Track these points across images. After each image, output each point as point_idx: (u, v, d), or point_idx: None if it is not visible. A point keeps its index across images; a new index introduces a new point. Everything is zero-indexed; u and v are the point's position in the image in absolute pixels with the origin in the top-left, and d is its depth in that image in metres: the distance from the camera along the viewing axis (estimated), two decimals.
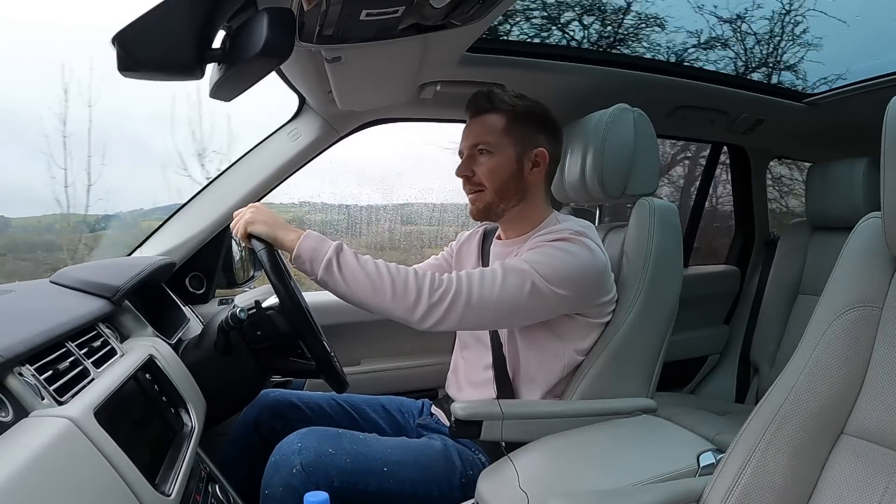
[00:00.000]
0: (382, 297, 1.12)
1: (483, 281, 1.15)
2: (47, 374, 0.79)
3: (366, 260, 1.14)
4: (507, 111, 1.30)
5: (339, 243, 1.15)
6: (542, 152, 1.32)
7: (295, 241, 1.13)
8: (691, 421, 1.74)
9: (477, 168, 1.31)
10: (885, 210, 0.82)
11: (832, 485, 0.82)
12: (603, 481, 1.05)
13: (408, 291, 1.12)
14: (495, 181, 1.30)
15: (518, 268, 1.16)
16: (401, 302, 1.12)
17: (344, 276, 1.12)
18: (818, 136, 2.41)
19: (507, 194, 1.31)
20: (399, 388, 1.88)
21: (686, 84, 1.88)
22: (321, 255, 1.12)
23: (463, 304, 1.13)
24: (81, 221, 2.26)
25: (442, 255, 1.58)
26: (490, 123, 1.31)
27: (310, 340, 1.15)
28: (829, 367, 0.84)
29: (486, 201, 1.32)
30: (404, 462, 1.20)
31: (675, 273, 1.39)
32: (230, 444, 1.37)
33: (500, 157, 1.30)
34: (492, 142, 1.30)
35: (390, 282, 1.12)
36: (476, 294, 1.13)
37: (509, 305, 1.15)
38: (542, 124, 1.33)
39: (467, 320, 1.15)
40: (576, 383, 1.31)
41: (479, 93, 1.33)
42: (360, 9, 0.96)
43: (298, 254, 1.13)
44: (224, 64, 0.94)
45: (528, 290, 1.15)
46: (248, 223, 1.14)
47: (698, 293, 2.38)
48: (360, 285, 1.12)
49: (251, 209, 1.18)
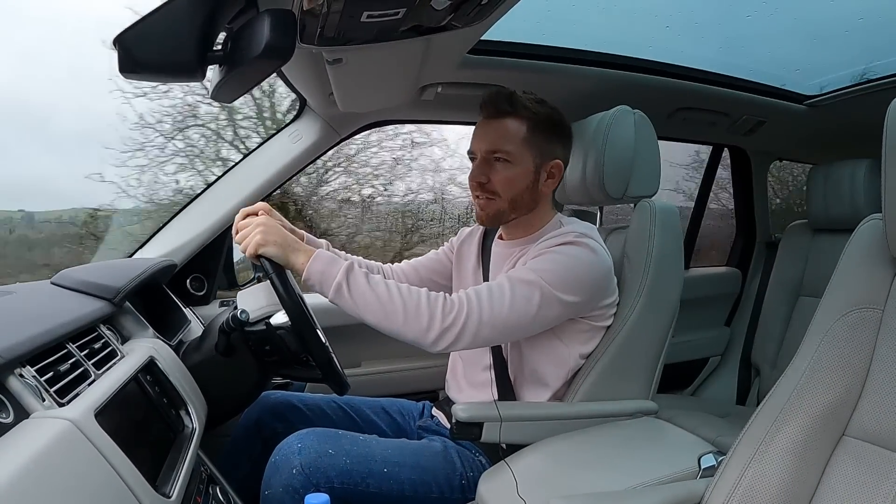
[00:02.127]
0: (394, 321, 1.10)
1: (492, 298, 1.13)
2: (48, 375, 0.79)
3: (377, 282, 1.12)
4: (529, 118, 1.26)
5: (349, 264, 1.12)
6: (558, 164, 1.30)
7: (305, 264, 1.10)
8: (692, 423, 1.74)
9: (493, 175, 1.27)
10: (886, 211, 0.82)
11: (834, 487, 0.82)
12: (603, 483, 1.05)
13: (420, 315, 1.10)
14: (511, 192, 1.27)
15: (525, 279, 1.15)
16: (413, 326, 1.10)
17: (354, 299, 1.10)
18: (819, 137, 2.41)
19: (520, 205, 1.30)
20: (399, 390, 1.88)
21: (687, 86, 1.88)
22: (331, 279, 1.10)
23: (475, 325, 1.11)
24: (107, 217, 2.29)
25: (442, 249, 1.58)
26: (511, 130, 1.26)
27: (316, 352, 1.14)
28: (830, 368, 0.84)
29: (497, 209, 1.29)
30: (404, 463, 1.20)
31: (676, 275, 1.39)
32: (231, 446, 1.37)
33: (519, 169, 1.26)
34: (512, 151, 1.25)
35: (402, 305, 1.10)
36: (487, 313, 1.12)
37: (520, 319, 1.14)
38: (559, 133, 1.30)
39: (480, 339, 1.14)
40: (577, 385, 1.31)
41: (499, 93, 1.27)
42: (362, 10, 0.96)
43: (308, 276, 1.11)
44: (225, 65, 0.94)
45: (538, 302, 1.14)
46: (258, 245, 1.09)
47: (699, 295, 2.38)
48: (371, 308, 1.10)
49: (260, 228, 1.11)
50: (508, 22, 1.16)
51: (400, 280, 1.54)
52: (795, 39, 1.97)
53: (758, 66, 2.01)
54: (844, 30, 1.87)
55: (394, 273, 1.55)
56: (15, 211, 2.69)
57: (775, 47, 1.99)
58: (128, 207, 2.58)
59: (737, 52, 1.98)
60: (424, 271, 1.56)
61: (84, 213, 2.57)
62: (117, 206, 2.56)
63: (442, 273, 1.55)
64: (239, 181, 1.73)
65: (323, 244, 1.40)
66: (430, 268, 1.56)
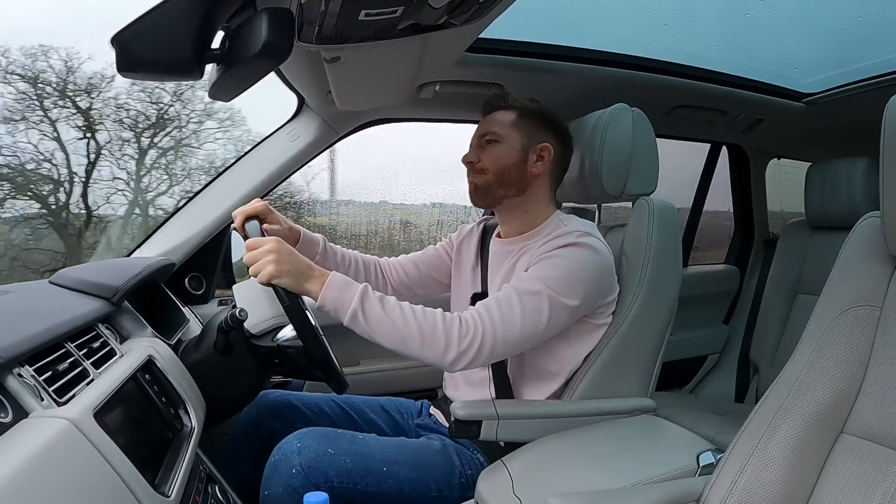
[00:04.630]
0: (411, 346, 1.11)
1: (503, 315, 1.14)
2: (47, 374, 0.79)
3: (392, 306, 1.11)
4: (518, 108, 1.35)
5: (363, 288, 1.11)
6: (547, 147, 1.33)
7: (318, 293, 1.09)
8: (691, 420, 1.74)
9: (483, 156, 1.33)
10: (884, 209, 0.82)
11: (832, 484, 0.82)
12: (602, 481, 1.05)
13: (436, 339, 1.11)
14: (497, 165, 1.32)
15: (532, 290, 1.16)
16: (430, 350, 1.11)
17: (370, 325, 1.10)
18: (817, 135, 2.42)
19: (507, 181, 1.32)
20: (398, 389, 1.88)
21: (685, 84, 1.88)
22: (346, 306, 1.09)
23: (490, 345, 1.13)
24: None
25: (441, 245, 1.58)
26: (500, 117, 1.35)
27: (316, 352, 1.14)
28: (828, 366, 0.84)
29: (485, 183, 1.33)
30: (403, 462, 1.20)
31: (675, 272, 1.39)
32: (230, 445, 1.37)
33: (506, 146, 1.32)
34: (500, 132, 1.33)
35: (418, 330, 1.10)
36: (500, 332, 1.13)
37: (533, 332, 1.16)
38: (550, 124, 1.35)
39: (495, 357, 1.17)
40: (575, 383, 1.31)
41: (495, 94, 1.39)
42: (360, 9, 0.96)
43: (322, 304, 1.10)
44: (223, 64, 0.94)
45: (547, 312, 1.16)
46: (272, 276, 1.06)
47: (698, 293, 2.38)
48: (387, 334, 1.10)
49: (273, 257, 1.06)
50: (506, 20, 1.16)
51: (399, 274, 1.55)
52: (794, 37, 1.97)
53: (756, 63, 2.01)
54: (843, 27, 1.87)
55: (391, 267, 1.55)
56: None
57: (773, 45, 1.99)
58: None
59: (735, 50, 1.98)
60: (424, 268, 1.56)
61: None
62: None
63: (440, 270, 1.56)
64: (237, 180, 1.73)
65: (319, 239, 1.41)
66: (429, 264, 1.56)
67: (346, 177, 2.53)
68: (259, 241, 1.10)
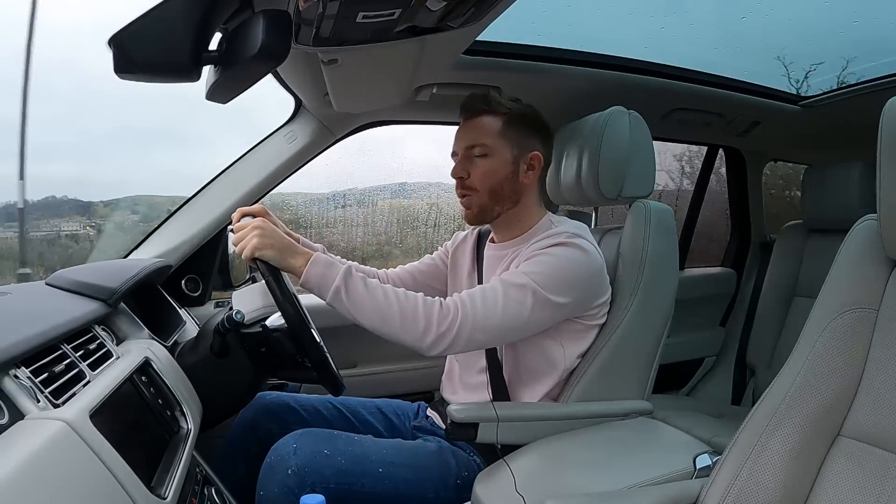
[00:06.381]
0: (391, 325, 1.11)
1: (486, 303, 1.15)
2: (43, 376, 0.79)
3: (374, 286, 1.13)
4: (503, 113, 1.31)
5: (347, 268, 1.12)
6: (537, 156, 1.32)
7: (303, 267, 1.10)
8: (687, 423, 1.74)
9: (473, 170, 1.31)
10: (880, 212, 0.82)
11: (829, 486, 0.82)
12: (599, 483, 1.05)
13: (416, 320, 1.11)
14: (489, 183, 1.30)
15: (517, 283, 1.17)
16: (410, 330, 1.12)
17: (352, 303, 1.11)
18: (814, 138, 2.42)
19: (501, 197, 1.31)
20: (395, 391, 1.88)
21: (681, 87, 1.88)
22: (329, 283, 1.10)
23: (469, 330, 1.13)
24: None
25: (437, 254, 1.58)
26: (486, 125, 1.31)
27: (312, 353, 1.14)
28: (825, 369, 0.84)
29: (479, 204, 1.31)
30: (399, 463, 1.20)
31: (671, 275, 1.39)
32: (226, 447, 1.37)
33: (497, 160, 1.30)
34: (488, 144, 1.30)
35: (399, 310, 1.11)
36: (480, 318, 1.14)
37: (513, 323, 1.16)
38: (536, 127, 1.33)
39: (473, 344, 1.16)
40: (572, 385, 1.31)
41: (474, 95, 1.33)
42: (357, 11, 0.96)
43: (306, 280, 1.11)
44: (220, 66, 0.94)
45: (530, 305, 1.16)
46: (255, 249, 1.09)
47: (694, 295, 2.38)
48: (369, 312, 1.11)
49: (257, 231, 1.10)
50: (504, 22, 1.16)
51: (396, 286, 1.54)
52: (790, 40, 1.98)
53: (753, 66, 2.02)
54: (839, 31, 1.88)
55: (389, 279, 1.55)
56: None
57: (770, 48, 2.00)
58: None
59: (732, 53, 1.99)
60: (421, 277, 1.56)
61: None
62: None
63: (438, 278, 1.56)
64: (234, 182, 1.72)
65: (319, 248, 1.40)
66: (426, 273, 1.56)
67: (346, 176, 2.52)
68: (246, 222, 1.14)
